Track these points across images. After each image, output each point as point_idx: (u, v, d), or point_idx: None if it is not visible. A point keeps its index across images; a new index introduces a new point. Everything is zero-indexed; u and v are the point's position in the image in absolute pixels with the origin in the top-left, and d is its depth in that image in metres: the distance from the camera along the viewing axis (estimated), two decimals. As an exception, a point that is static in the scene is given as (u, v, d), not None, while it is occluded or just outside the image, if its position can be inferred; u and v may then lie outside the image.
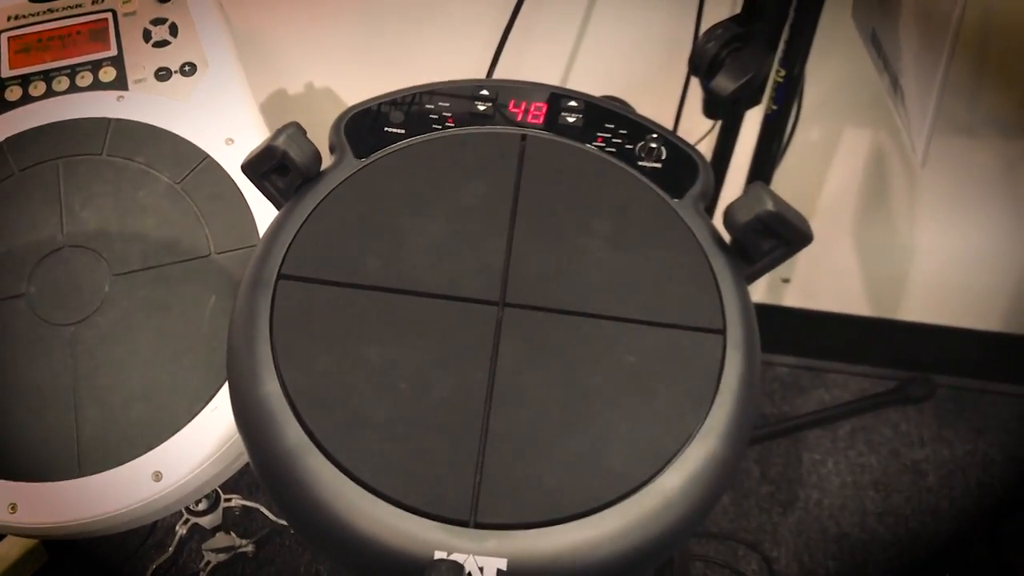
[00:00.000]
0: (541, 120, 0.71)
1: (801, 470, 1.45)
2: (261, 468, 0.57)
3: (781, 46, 0.88)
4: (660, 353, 0.60)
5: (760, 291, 1.51)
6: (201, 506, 1.13)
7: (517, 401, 0.57)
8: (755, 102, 0.90)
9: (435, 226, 0.64)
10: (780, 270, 1.48)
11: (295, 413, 0.56)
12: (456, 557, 0.52)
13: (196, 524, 1.18)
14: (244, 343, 0.59)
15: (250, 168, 0.66)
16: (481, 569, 0.52)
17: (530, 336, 0.60)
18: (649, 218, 0.66)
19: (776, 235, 0.64)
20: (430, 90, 0.72)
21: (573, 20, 1.17)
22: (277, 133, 0.64)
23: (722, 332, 0.61)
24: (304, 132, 0.65)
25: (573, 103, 0.72)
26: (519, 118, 0.71)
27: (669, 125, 1.19)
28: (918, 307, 1.50)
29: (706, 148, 1.14)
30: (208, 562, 1.26)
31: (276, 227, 0.64)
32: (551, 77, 1.23)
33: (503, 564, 0.52)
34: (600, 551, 0.54)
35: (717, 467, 0.56)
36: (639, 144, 0.70)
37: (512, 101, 0.72)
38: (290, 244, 0.63)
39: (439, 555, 0.52)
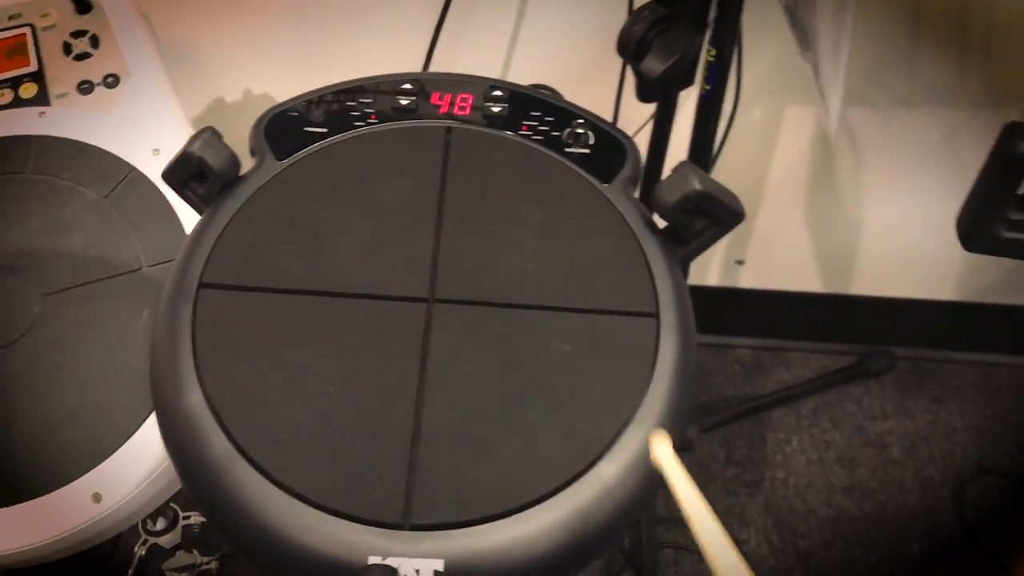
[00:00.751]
0: (466, 111, 0.70)
1: (766, 450, 1.45)
2: (188, 481, 0.56)
3: (711, 25, 0.87)
4: (594, 340, 0.59)
5: (715, 274, 1.51)
6: (159, 525, 1.11)
7: (450, 398, 0.56)
8: (687, 83, 0.89)
9: (360, 225, 0.63)
10: (734, 252, 1.49)
11: (220, 424, 0.54)
12: (391, 561, 0.51)
13: (155, 544, 1.16)
14: (166, 355, 0.57)
15: (169, 176, 0.64)
16: (417, 572, 0.51)
17: (461, 331, 0.59)
18: (578, 204, 0.65)
19: (706, 214, 0.63)
20: (351, 87, 0.71)
21: (510, 10, 1.16)
22: (192, 139, 0.62)
23: (655, 315, 0.60)
24: (220, 137, 0.63)
25: (498, 93, 0.71)
26: (443, 110, 0.70)
27: (609, 112, 1.18)
28: (873, 281, 1.50)
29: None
30: (171, 582, 1.24)
31: (196, 235, 0.62)
32: (490, 69, 1.22)
33: (440, 565, 0.51)
34: (539, 545, 0.53)
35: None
36: (566, 131, 0.69)
37: (436, 94, 0.71)
38: (210, 252, 0.61)
39: (373, 560, 0.51)
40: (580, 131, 0.69)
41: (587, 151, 0.68)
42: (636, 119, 1.15)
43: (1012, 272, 1.46)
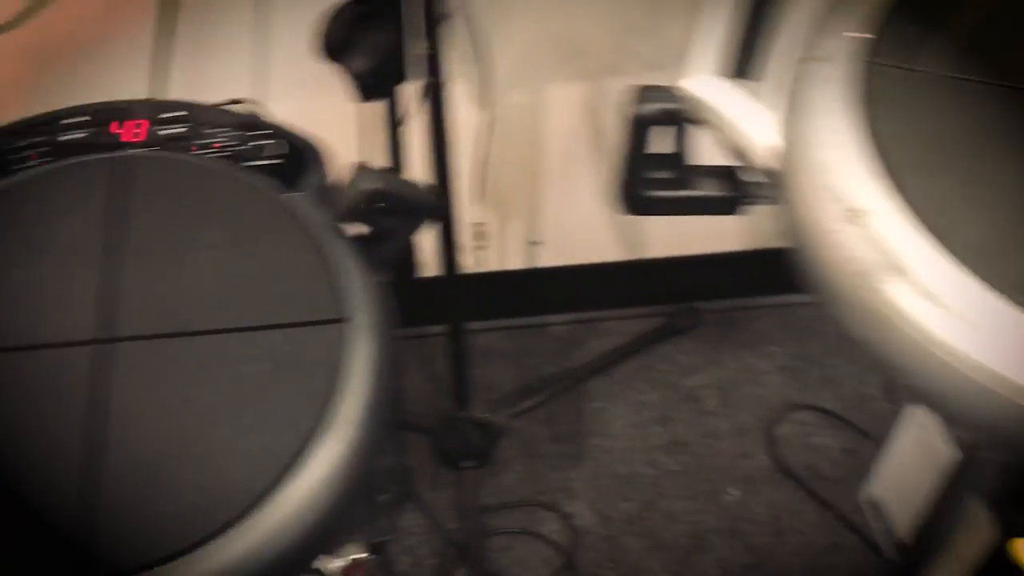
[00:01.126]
0: (144, 136, 0.68)
1: (586, 421, 1.48)
2: None
3: (423, 19, 0.87)
4: (280, 356, 0.58)
5: (516, 258, 1.53)
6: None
7: (128, 439, 0.54)
8: (402, 78, 0.89)
9: (23, 274, 0.60)
10: (529, 234, 1.50)
11: None
12: (67, 619, 0.49)
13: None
14: None
15: None
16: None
17: (138, 369, 0.57)
18: (262, 219, 0.64)
19: (394, 211, 0.63)
20: (14, 127, 0.68)
21: (242, 24, 1.14)
22: None
23: (343, 320, 0.59)
24: None
25: (179, 113, 0.69)
26: (124, 138, 0.68)
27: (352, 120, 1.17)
28: (666, 242, 1.55)
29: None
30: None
31: None
32: (236, 90, 1.19)
33: (122, 616, 0.49)
34: (236, 572, 0.52)
35: (349, 457, 0.55)
36: (251, 144, 0.68)
37: (114, 123, 0.68)
38: None
39: (44, 621, 0.49)
40: (266, 143, 0.68)
41: (274, 162, 0.67)
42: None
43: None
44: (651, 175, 0.63)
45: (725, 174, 0.63)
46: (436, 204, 0.64)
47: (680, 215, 0.68)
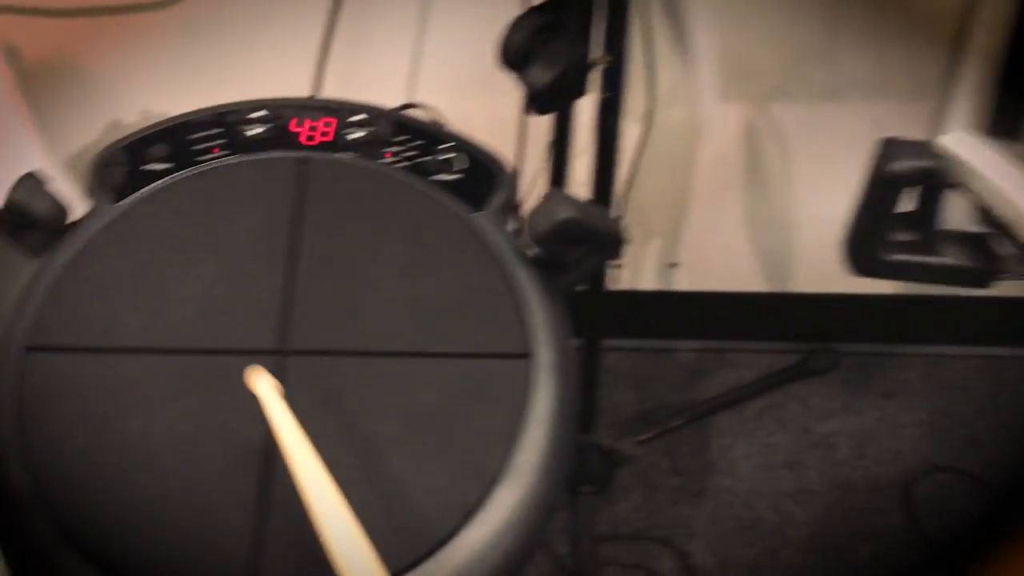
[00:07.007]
0: (325, 138, 0.64)
1: (710, 457, 1.41)
2: (14, 570, 0.50)
3: (604, 31, 0.82)
4: (461, 387, 0.54)
5: (650, 278, 1.46)
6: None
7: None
8: (580, 93, 0.84)
9: (203, 272, 0.57)
10: (666, 255, 1.44)
11: (46, 506, 0.49)
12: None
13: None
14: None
15: (-5, 227, 0.59)
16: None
17: (316, 385, 0.54)
18: (445, 237, 0.60)
19: (581, 241, 0.59)
20: (195, 119, 0.65)
21: (408, 28, 1.11)
22: (13, 187, 0.57)
23: (528, 356, 0.55)
24: (44, 183, 0.58)
25: (361, 116, 0.66)
26: (302, 139, 0.65)
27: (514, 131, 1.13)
28: (811, 277, 1.46)
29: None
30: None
31: (22, 292, 0.57)
32: (389, 90, 1.16)
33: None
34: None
35: (529, 506, 0.51)
36: (434, 156, 0.64)
37: (294, 120, 0.65)
38: (38, 311, 0.55)
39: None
40: (449, 156, 0.64)
41: (457, 177, 0.63)
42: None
43: (951, 261, 1.43)
44: (892, 237, 0.57)
45: (978, 243, 0.56)
46: (621, 240, 0.59)
47: (920, 283, 0.61)
